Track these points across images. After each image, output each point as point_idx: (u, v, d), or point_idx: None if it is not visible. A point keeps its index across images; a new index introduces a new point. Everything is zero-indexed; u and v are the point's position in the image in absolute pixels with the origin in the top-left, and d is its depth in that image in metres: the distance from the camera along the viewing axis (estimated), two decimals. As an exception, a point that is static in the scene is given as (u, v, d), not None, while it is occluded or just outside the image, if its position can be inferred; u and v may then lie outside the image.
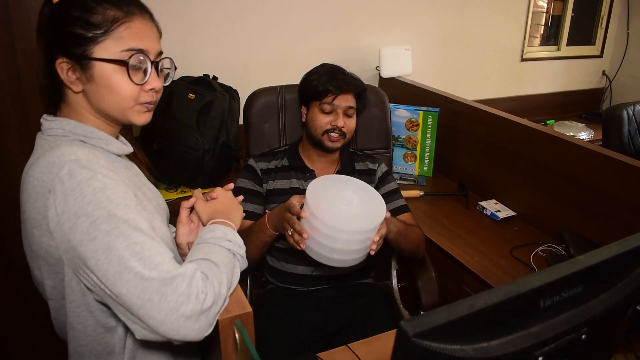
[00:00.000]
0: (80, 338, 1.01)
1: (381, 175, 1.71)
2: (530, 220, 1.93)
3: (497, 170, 2.07)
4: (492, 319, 0.68)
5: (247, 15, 2.46)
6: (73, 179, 0.88)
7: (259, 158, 1.69)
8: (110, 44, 0.96)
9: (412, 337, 0.61)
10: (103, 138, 1.01)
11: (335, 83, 1.58)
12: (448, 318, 0.63)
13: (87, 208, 0.87)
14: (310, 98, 1.64)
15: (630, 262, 0.85)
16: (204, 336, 0.86)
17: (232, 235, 1.02)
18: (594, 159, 1.67)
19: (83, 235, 0.86)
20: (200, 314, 0.84)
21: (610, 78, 3.72)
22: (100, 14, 0.95)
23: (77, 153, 0.92)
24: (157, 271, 0.84)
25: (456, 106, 2.29)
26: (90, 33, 0.95)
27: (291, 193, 1.54)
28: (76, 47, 0.96)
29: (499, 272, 1.63)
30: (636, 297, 0.93)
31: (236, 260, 0.99)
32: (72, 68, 0.97)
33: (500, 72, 3.34)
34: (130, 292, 0.83)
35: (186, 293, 0.84)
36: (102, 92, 0.98)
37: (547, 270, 0.72)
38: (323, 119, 1.61)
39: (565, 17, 3.48)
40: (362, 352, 1.22)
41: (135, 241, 0.86)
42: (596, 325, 0.81)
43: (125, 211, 0.88)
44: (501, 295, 0.67)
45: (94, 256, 0.85)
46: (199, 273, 0.87)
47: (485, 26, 3.14)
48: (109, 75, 0.97)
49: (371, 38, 2.78)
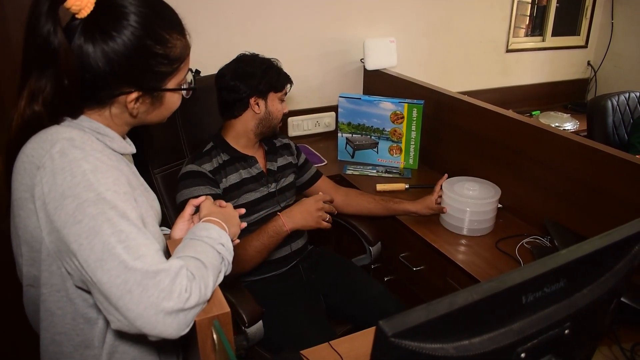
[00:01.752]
0: (59, 325, 0.98)
1: (295, 147, 1.95)
2: (516, 212, 1.93)
3: (482, 161, 2.07)
4: (473, 317, 0.67)
5: (230, 7, 2.43)
6: (64, 158, 0.86)
7: (198, 161, 1.66)
8: (182, 72, 1.01)
9: (391, 337, 0.60)
10: (109, 135, 0.99)
11: (287, 75, 1.75)
12: (427, 317, 0.62)
13: (75, 189, 0.84)
14: (269, 90, 1.71)
15: (613, 255, 0.85)
16: (180, 335, 0.84)
17: (226, 239, 1.01)
18: (578, 150, 1.67)
19: (68, 217, 0.84)
20: (180, 312, 0.83)
21: (595, 68, 3.73)
22: (175, 47, 0.97)
23: (71, 133, 0.90)
24: (141, 262, 0.82)
25: (441, 98, 2.28)
26: (171, 68, 0.98)
27: (245, 184, 1.71)
28: (154, 82, 0.97)
29: (484, 265, 1.62)
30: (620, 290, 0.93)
31: (223, 265, 0.98)
32: (142, 98, 0.97)
33: (485, 63, 3.33)
34: (110, 282, 0.81)
35: (168, 289, 0.82)
36: (162, 112, 1.04)
37: (530, 265, 0.71)
38: (282, 108, 1.75)
39: (550, 7, 3.47)
40: (345, 349, 1.21)
41: (121, 229, 0.84)
42: (579, 319, 0.80)
43: (114, 196, 0.86)
44: (482, 293, 0.65)
45: (77, 240, 0.83)
46: (185, 271, 0.85)
47: (470, 17, 3.13)
48: (175, 99, 1.03)
49: (355, 30, 2.76)
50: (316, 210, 1.63)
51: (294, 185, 1.90)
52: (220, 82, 1.71)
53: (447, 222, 1.83)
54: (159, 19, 0.95)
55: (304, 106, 2.75)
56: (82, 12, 0.88)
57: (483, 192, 1.80)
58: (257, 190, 1.72)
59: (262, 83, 1.68)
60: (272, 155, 1.83)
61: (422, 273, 1.89)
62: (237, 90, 1.67)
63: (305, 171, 1.95)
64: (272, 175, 1.78)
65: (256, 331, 1.50)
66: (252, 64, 1.70)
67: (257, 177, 1.73)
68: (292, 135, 2.76)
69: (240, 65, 1.70)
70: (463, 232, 1.80)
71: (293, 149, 1.94)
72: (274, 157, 1.83)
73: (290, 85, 1.77)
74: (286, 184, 1.83)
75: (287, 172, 1.85)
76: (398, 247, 2.00)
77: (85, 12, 0.88)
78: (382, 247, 1.96)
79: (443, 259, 1.71)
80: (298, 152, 1.95)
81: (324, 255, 1.93)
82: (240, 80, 1.67)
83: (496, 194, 1.79)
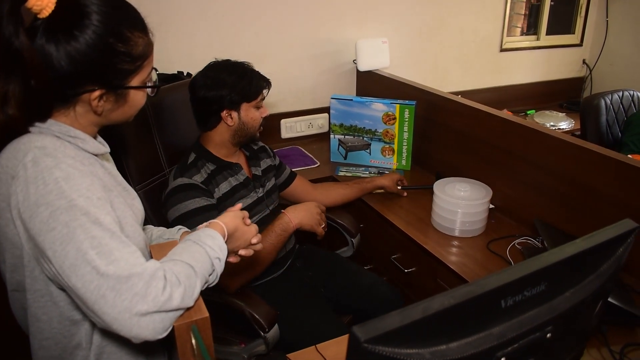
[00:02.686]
0: (45, 330, 0.99)
1: (270, 150, 1.93)
2: (508, 213, 1.92)
3: (474, 162, 2.06)
4: (450, 321, 0.66)
5: (221, 9, 2.42)
6: (36, 167, 0.87)
7: (187, 174, 1.59)
8: (145, 70, 1.01)
9: (364, 342, 0.59)
10: (80, 137, 0.99)
11: (262, 79, 1.67)
12: (401, 322, 0.61)
13: (47, 197, 0.85)
14: (242, 101, 1.63)
15: (597, 257, 0.84)
16: (157, 337, 0.84)
17: (223, 255, 1.01)
18: (568, 150, 1.66)
19: (42, 224, 0.84)
20: (155, 315, 0.83)
21: (590, 67, 3.72)
22: (138, 44, 0.97)
23: (43, 141, 0.90)
24: (114, 267, 0.83)
25: (432, 98, 2.26)
26: (134, 66, 0.98)
27: (237, 191, 1.68)
28: (117, 80, 0.97)
29: (474, 266, 1.61)
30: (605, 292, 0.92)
31: (211, 277, 0.99)
32: (105, 96, 0.97)
33: (479, 62, 3.32)
34: (84, 287, 0.82)
35: (142, 293, 0.82)
36: (126, 110, 1.03)
37: (509, 269, 0.70)
38: (258, 115, 1.69)
39: (544, 6, 3.46)
40: (332, 352, 1.20)
41: (93, 235, 0.84)
42: (562, 323, 0.79)
43: (86, 203, 0.87)
44: (458, 297, 0.65)
45: (52, 247, 0.84)
46: (161, 273, 0.86)
47: (463, 17, 3.12)
48: (139, 97, 1.03)
49: (347, 31, 2.75)
50: (317, 213, 1.68)
51: (277, 188, 1.89)
52: (191, 92, 1.65)
53: (439, 224, 1.83)
54: (121, 17, 0.95)
55: (296, 108, 2.74)
56: (44, 12, 0.87)
57: (474, 193, 1.79)
58: (248, 197, 1.70)
59: (233, 94, 1.60)
60: (254, 160, 1.81)
61: (414, 275, 1.88)
62: (208, 103, 1.61)
63: (281, 172, 1.94)
64: (257, 180, 1.76)
65: (275, 334, 1.49)
66: (222, 72, 1.61)
67: (244, 184, 1.70)
68: (285, 137, 2.75)
69: (209, 75, 1.61)
70: (455, 234, 1.79)
71: (269, 151, 1.92)
72: (256, 162, 1.81)
73: (268, 89, 1.70)
74: (271, 187, 1.82)
75: (269, 175, 1.84)
76: (389, 248, 1.99)
77: (46, 11, 0.87)
78: (374, 248, 1.96)
79: (434, 261, 1.70)
80: (273, 153, 1.95)
81: (312, 251, 1.95)
82: (210, 92, 1.59)
83: (487, 194, 1.78)
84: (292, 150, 2.63)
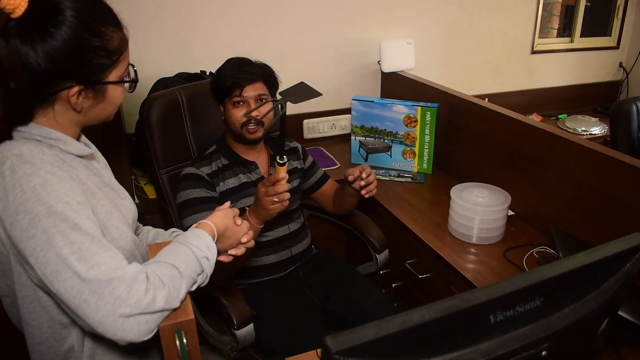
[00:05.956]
0: (37, 335, 1.00)
1: (302, 151, 1.91)
2: (528, 220, 1.86)
3: (496, 167, 2.00)
4: (432, 335, 0.63)
5: (245, 9, 2.42)
6: (14, 174, 0.87)
7: (198, 164, 1.66)
8: (122, 65, 1.00)
9: (335, 354, 0.57)
10: (61, 139, 0.99)
11: (241, 75, 1.60)
12: (376, 335, 0.59)
13: (26, 204, 0.85)
14: (222, 96, 1.66)
15: (601, 272, 0.79)
16: (142, 339, 0.85)
17: (212, 253, 1.01)
18: (593, 158, 1.59)
19: (22, 232, 0.85)
20: (139, 316, 0.83)
21: (627, 70, 3.59)
22: (113, 39, 0.97)
23: (20, 148, 0.90)
24: (95, 271, 0.83)
25: (456, 101, 2.22)
26: (110, 61, 0.97)
27: (244, 189, 1.67)
28: (94, 75, 0.96)
29: (489, 275, 1.56)
30: (611, 309, 0.87)
31: (200, 277, 0.99)
32: (83, 92, 0.97)
33: (509, 65, 3.23)
34: (67, 292, 0.83)
35: (124, 296, 0.83)
36: (105, 107, 1.03)
37: (499, 283, 0.67)
38: (238, 113, 1.64)
39: (578, 7, 3.35)
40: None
41: (73, 240, 0.85)
42: (560, 340, 0.75)
43: (65, 208, 0.87)
44: (440, 311, 0.62)
45: (33, 254, 0.85)
46: (143, 276, 0.86)
47: (493, 18, 3.04)
48: (117, 92, 1.02)
49: (372, 31, 2.72)
50: (262, 197, 1.45)
51: (298, 190, 1.87)
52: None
53: (455, 230, 1.78)
54: (94, 12, 0.95)
55: (319, 108, 2.72)
56: (17, 11, 0.86)
57: (492, 199, 1.74)
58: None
59: (216, 90, 1.67)
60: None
61: (428, 281, 1.85)
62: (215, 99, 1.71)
63: (311, 175, 1.92)
64: None
65: (246, 334, 1.49)
66: (218, 69, 1.68)
67: (256, 183, 1.70)
68: (307, 137, 2.74)
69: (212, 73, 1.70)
70: (472, 240, 1.74)
71: (300, 152, 1.90)
72: None
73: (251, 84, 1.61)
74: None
75: (290, 177, 1.80)
76: (405, 253, 1.96)
77: (19, 11, 0.86)
78: (390, 253, 1.92)
79: (448, 268, 1.66)
80: (305, 155, 1.92)
81: (328, 259, 1.89)
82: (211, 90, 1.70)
83: (506, 201, 1.73)
84: (313, 151, 2.62)
